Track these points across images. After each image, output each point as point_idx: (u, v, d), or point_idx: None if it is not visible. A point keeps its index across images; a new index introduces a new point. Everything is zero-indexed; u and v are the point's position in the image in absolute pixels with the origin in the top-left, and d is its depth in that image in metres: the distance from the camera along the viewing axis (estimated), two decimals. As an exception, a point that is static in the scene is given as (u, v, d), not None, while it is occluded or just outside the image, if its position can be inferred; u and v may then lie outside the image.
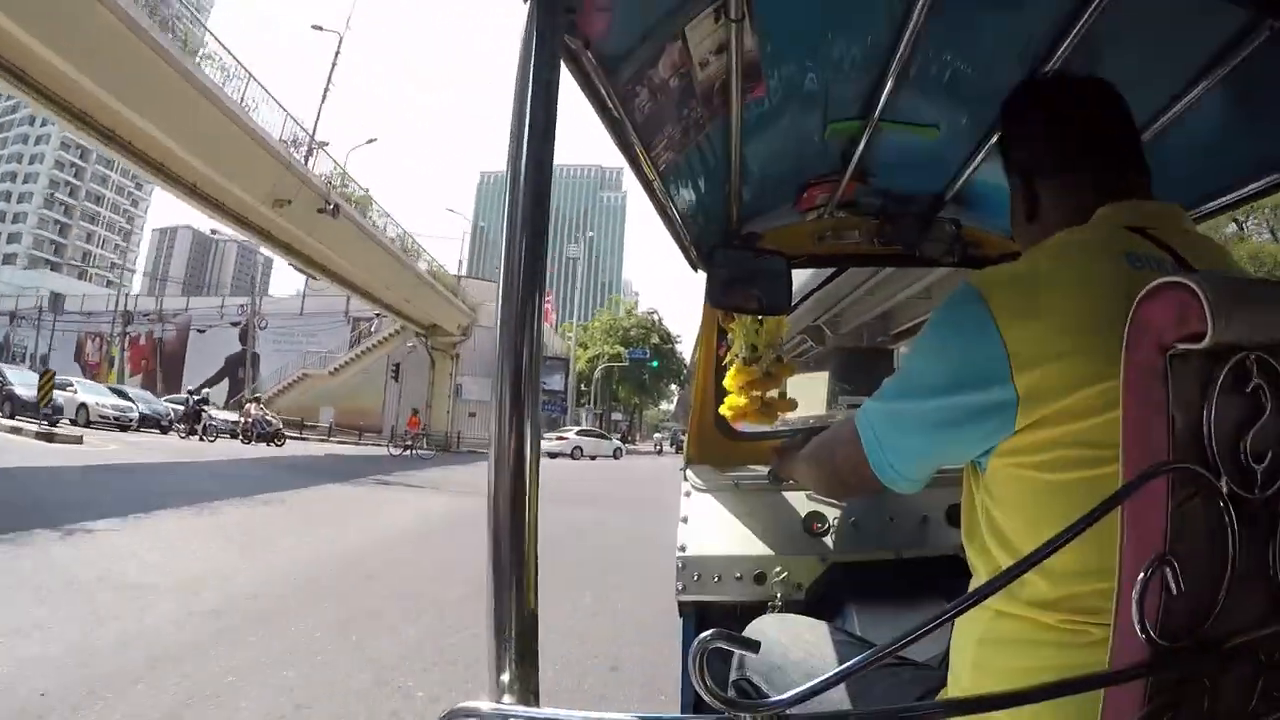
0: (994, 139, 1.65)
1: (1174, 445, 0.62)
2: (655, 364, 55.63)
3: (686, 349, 59.58)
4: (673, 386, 61.67)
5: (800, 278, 2.36)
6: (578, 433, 37.86)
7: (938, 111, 1.68)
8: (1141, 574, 0.60)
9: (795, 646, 1.29)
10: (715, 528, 1.87)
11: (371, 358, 40.18)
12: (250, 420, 24.82)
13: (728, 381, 2.37)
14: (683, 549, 1.82)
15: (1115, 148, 0.98)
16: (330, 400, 40.04)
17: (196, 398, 24.90)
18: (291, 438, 30.61)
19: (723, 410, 2.39)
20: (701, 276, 2.16)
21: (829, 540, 1.83)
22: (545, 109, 0.80)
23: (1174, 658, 0.61)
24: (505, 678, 0.71)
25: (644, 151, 1.43)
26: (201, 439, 22.96)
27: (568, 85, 0.94)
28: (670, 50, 1.24)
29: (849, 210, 2.25)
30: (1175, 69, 1.32)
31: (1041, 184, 1.00)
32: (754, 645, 0.60)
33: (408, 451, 26.68)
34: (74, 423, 20.67)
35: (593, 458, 34.12)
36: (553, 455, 32.56)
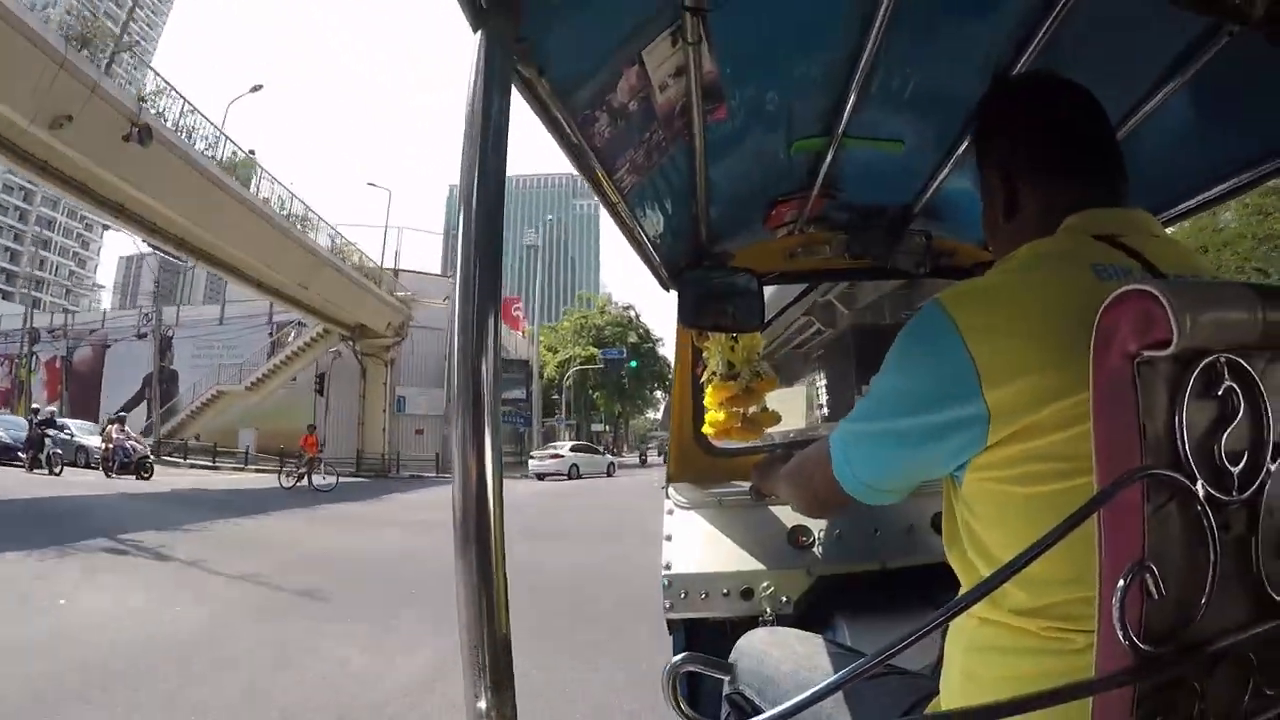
0: (960, 149, 1.67)
1: (1146, 451, 0.62)
2: (634, 364, 49.23)
3: (669, 350, 53.41)
4: (658, 393, 55.80)
5: (772, 294, 2.37)
6: (573, 448, 32.97)
7: (902, 125, 1.69)
8: (1121, 580, 0.60)
9: (787, 659, 1.29)
10: (700, 545, 1.86)
11: (294, 368, 32.80)
12: (111, 446, 19.95)
13: (708, 399, 2.36)
14: (668, 567, 1.81)
15: (1096, 148, 0.99)
16: (252, 421, 33.64)
17: (38, 419, 20.11)
18: (201, 467, 27.04)
19: (705, 428, 2.38)
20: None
21: (814, 553, 1.82)
22: (495, 139, 0.79)
23: (1159, 662, 0.61)
24: (481, 705, 0.70)
25: (606, 176, 1.42)
26: (51, 471, 18.50)
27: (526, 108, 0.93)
28: (628, 75, 1.24)
29: (819, 226, 2.26)
30: (1137, 75, 1.33)
31: (1021, 181, 1.00)
32: (728, 668, 0.60)
33: (302, 481, 20.06)
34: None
35: (580, 476, 29.76)
36: (542, 476, 28.53)
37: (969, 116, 1.55)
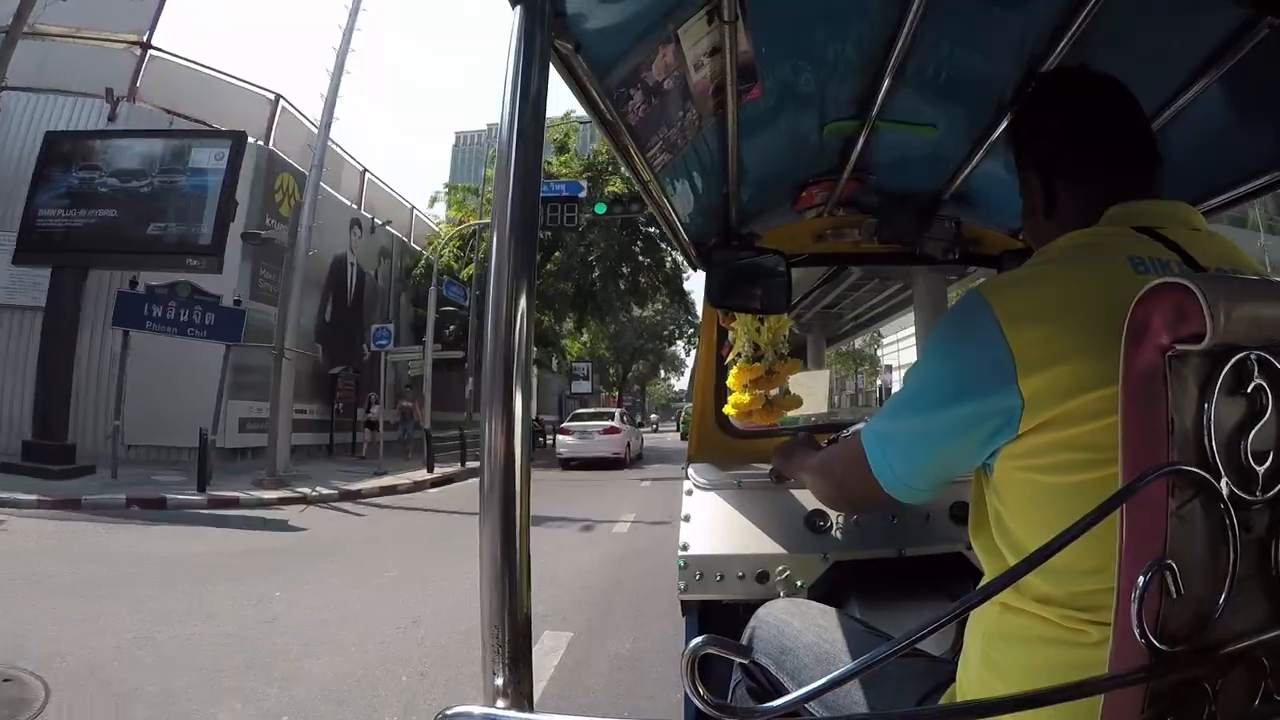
0: (993, 137, 1.66)
1: (1174, 447, 0.61)
2: (601, 208, 22.34)
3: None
4: (679, 344, 39.99)
5: (797, 277, 2.36)
6: (622, 415, 21.12)
7: (935, 110, 1.67)
8: (1141, 577, 0.60)
9: (807, 630, 1.30)
10: (718, 526, 1.87)
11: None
12: None
13: (731, 380, 2.37)
14: (685, 548, 1.81)
15: (1132, 143, 0.99)
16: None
17: None
18: None
19: (727, 409, 2.39)
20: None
21: (831, 538, 1.82)
22: (534, 114, 0.79)
23: (1173, 661, 0.61)
24: (499, 681, 0.70)
25: (639, 153, 1.42)
26: None
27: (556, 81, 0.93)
28: (663, 53, 1.23)
29: (848, 209, 2.25)
30: (1173, 67, 1.31)
31: (1059, 181, 1.00)
32: (745, 651, 0.60)
33: None
34: None
35: (633, 463, 19.23)
36: (569, 463, 17.88)
37: (1002, 104, 1.54)
